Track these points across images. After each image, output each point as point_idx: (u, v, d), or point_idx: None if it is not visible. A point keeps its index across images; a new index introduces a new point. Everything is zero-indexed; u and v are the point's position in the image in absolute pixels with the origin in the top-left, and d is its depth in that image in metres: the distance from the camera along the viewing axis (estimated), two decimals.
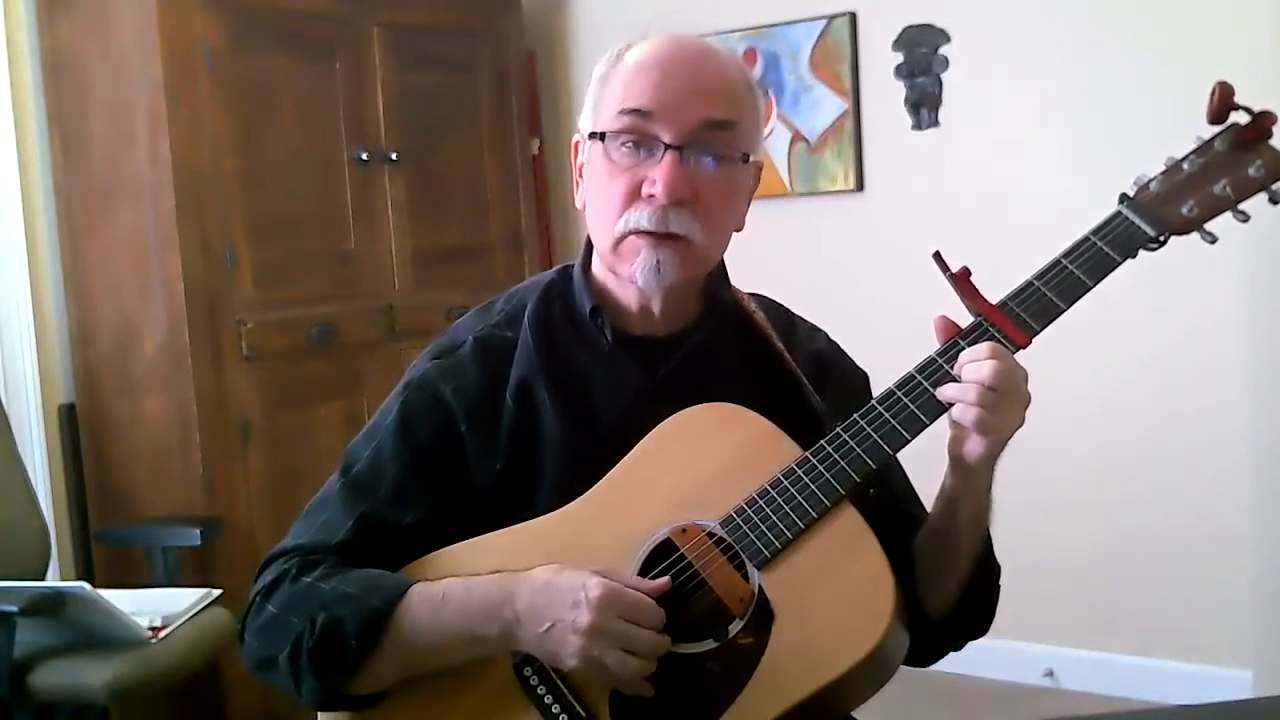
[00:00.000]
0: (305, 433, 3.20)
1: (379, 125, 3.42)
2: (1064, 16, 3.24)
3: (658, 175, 1.21)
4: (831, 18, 3.55)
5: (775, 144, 3.67)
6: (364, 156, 3.36)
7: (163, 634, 2.57)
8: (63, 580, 3.01)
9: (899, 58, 3.49)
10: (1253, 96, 1.19)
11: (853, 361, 1.41)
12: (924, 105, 3.47)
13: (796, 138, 3.65)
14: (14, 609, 2.37)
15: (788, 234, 3.66)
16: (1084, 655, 3.32)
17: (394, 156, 3.43)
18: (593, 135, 1.27)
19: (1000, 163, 3.33)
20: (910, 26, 3.46)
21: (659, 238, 1.23)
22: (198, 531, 2.87)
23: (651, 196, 1.22)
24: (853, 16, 3.53)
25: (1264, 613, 2.79)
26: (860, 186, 3.57)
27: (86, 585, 2.48)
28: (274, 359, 3.16)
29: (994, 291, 1.20)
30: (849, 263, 3.54)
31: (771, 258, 3.57)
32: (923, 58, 3.45)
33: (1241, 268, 2.87)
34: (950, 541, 1.22)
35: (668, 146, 1.22)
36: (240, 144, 3.10)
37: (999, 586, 1.30)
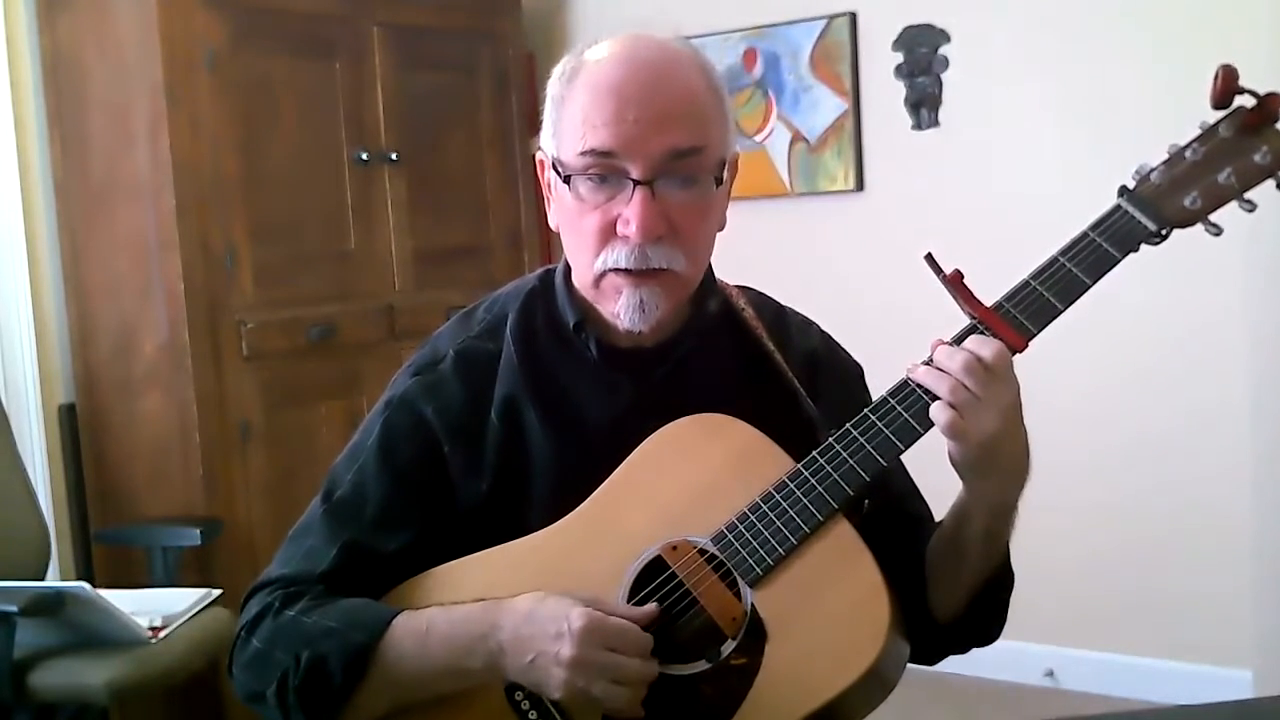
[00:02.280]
0: (305, 433, 3.20)
1: (379, 125, 3.42)
2: (1064, 16, 3.24)
3: (631, 214, 1.16)
4: (831, 18, 3.55)
5: (775, 144, 3.67)
6: (364, 156, 3.36)
7: (163, 634, 2.57)
8: (63, 580, 3.01)
9: (899, 58, 3.49)
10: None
11: (847, 354, 1.38)
12: (924, 105, 3.46)
13: (796, 138, 3.65)
14: (14, 609, 2.37)
15: (788, 234, 3.66)
16: (1084, 655, 3.32)
17: (394, 156, 3.43)
18: (556, 168, 1.22)
19: (1000, 163, 3.33)
20: (910, 26, 3.46)
21: (640, 275, 1.18)
22: (198, 531, 2.87)
23: (627, 237, 1.17)
24: (853, 16, 3.53)
25: (1264, 613, 2.78)
26: (860, 186, 3.57)
27: (86, 585, 2.48)
28: (274, 359, 3.16)
29: (992, 292, 1.18)
30: (849, 263, 3.54)
31: (771, 258, 3.57)
32: (923, 58, 3.45)
33: (1243, 268, 2.87)
34: (959, 553, 1.19)
35: (636, 183, 1.16)
36: (240, 144, 3.10)
37: (1009, 598, 1.27)
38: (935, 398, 1.10)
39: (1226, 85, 1.12)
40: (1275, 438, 2.72)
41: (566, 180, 1.20)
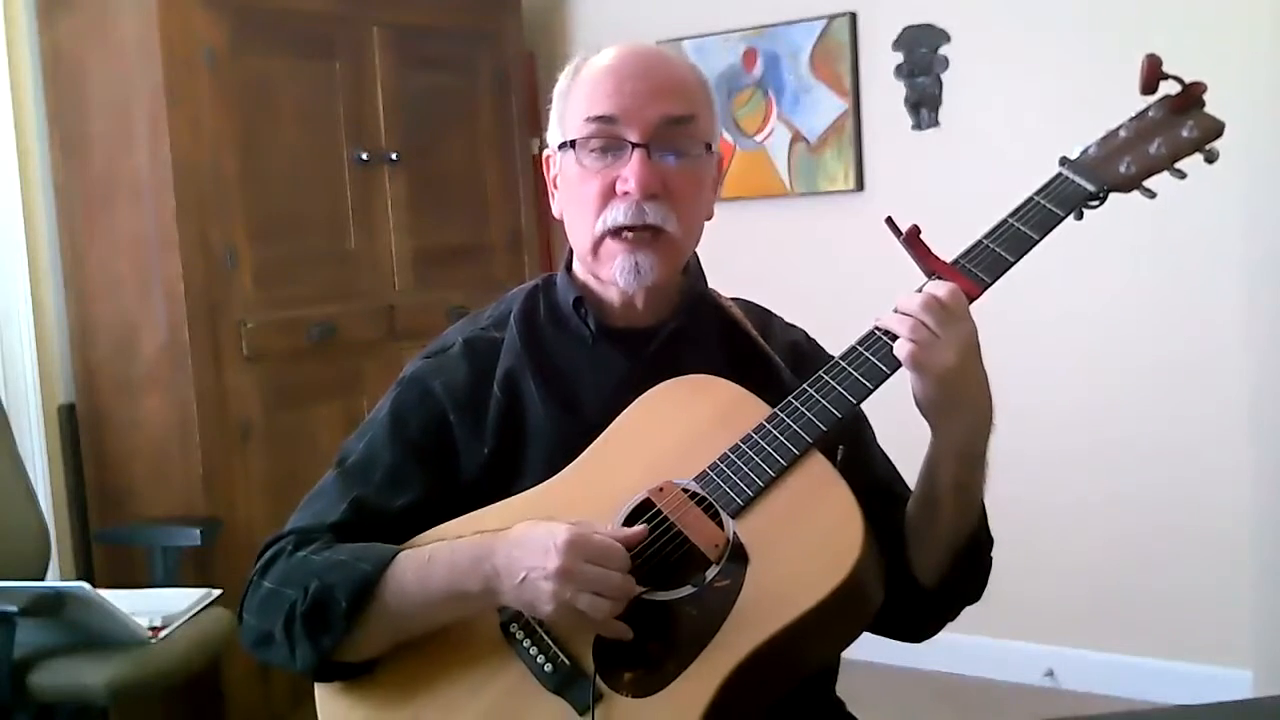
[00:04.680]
0: (305, 433, 3.20)
1: (379, 125, 3.42)
2: (1064, 16, 3.24)
3: (629, 173, 1.29)
4: (831, 18, 3.55)
5: (775, 144, 3.68)
6: (364, 156, 3.36)
7: (163, 634, 2.57)
8: (63, 580, 3.01)
9: (899, 58, 3.49)
10: (1253, 97, 1.19)
11: (829, 353, 1.43)
12: (924, 105, 3.47)
13: (796, 138, 3.65)
14: (14, 609, 2.38)
15: (788, 234, 3.66)
16: (1084, 655, 3.32)
17: (394, 156, 3.43)
18: (563, 145, 1.35)
19: (1000, 163, 3.33)
20: (910, 26, 3.46)
21: (636, 237, 1.30)
22: (198, 531, 2.87)
23: (626, 193, 1.29)
24: (853, 16, 3.53)
25: (1264, 613, 2.79)
26: (860, 186, 3.58)
27: (86, 585, 2.48)
28: (274, 359, 3.16)
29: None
30: (849, 263, 3.54)
31: (771, 258, 3.58)
32: (923, 58, 3.45)
33: (1242, 267, 2.87)
34: (933, 506, 1.26)
35: (634, 145, 1.29)
36: (240, 144, 3.10)
37: (990, 557, 1.33)
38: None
39: (1151, 72, 1.26)
40: (1275, 438, 2.73)
41: (572, 147, 1.33)
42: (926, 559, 1.28)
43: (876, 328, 1.22)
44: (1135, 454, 3.22)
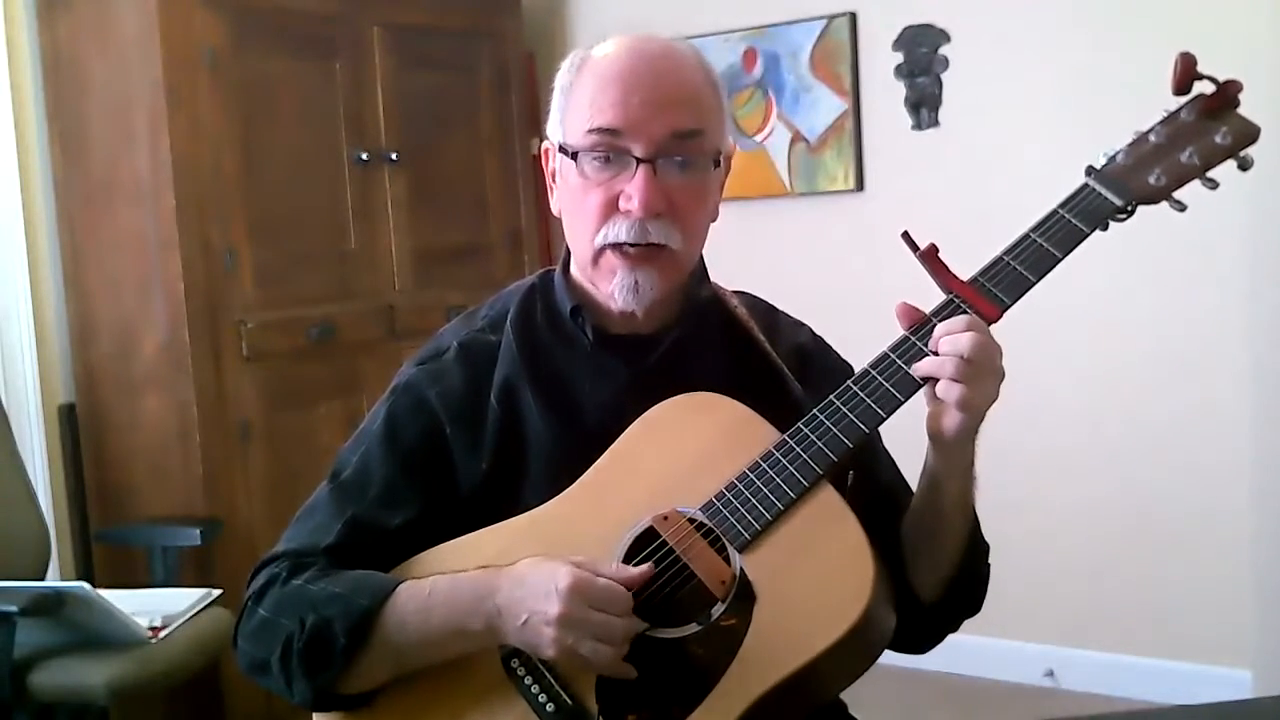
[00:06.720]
0: (305, 433, 3.20)
1: (379, 125, 3.42)
2: (1064, 16, 3.24)
3: (633, 190, 1.23)
4: (831, 18, 3.55)
5: (775, 144, 3.67)
6: (364, 156, 3.36)
7: (163, 634, 2.57)
8: (63, 580, 3.01)
9: (899, 58, 3.49)
10: (1254, 98, 1.19)
11: (837, 354, 1.42)
12: (924, 105, 3.46)
13: (796, 138, 3.65)
14: (14, 609, 2.38)
15: (788, 234, 3.66)
16: (1084, 655, 3.32)
17: (394, 156, 3.43)
18: (562, 149, 1.29)
19: (1000, 163, 3.33)
20: (910, 26, 3.46)
21: (637, 254, 1.25)
22: (198, 531, 2.88)
23: (628, 211, 1.24)
24: (853, 16, 3.53)
25: (1264, 613, 2.79)
26: (860, 186, 3.58)
27: (86, 585, 2.48)
28: (274, 359, 3.16)
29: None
30: (849, 263, 3.54)
31: (771, 258, 3.58)
32: (923, 58, 3.45)
33: (1243, 263, 2.87)
34: (937, 521, 1.23)
35: (639, 160, 1.23)
36: (240, 144, 3.10)
37: (989, 564, 1.31)
38: (912, 363, 1.16)
39: (1185, 72, 1.18)
40: (1275, 437, 2.73)
41: (574, 157, 1.26)
42: (929, 576, 1.25)
43: (891, 355, 1.18)
44: (1136, 454, 3.22)
